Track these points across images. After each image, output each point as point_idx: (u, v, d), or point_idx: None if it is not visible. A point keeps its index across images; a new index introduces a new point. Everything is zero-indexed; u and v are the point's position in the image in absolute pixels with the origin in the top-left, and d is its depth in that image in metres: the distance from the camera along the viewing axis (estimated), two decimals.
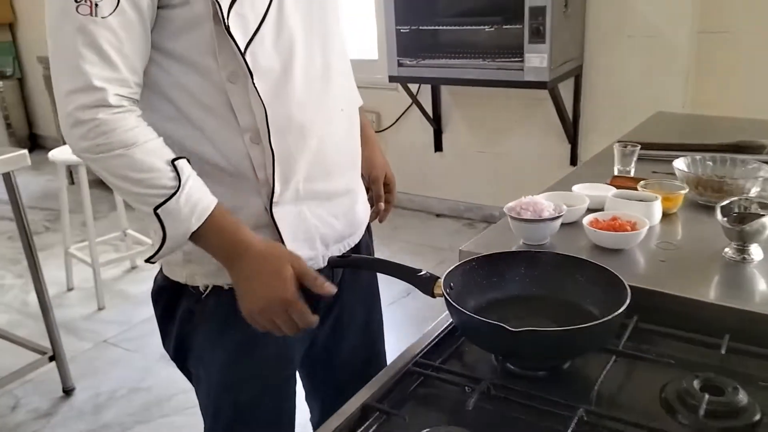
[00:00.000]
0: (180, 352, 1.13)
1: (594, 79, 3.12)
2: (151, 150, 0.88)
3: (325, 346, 1.20)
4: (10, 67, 5.61)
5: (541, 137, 3.29)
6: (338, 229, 1.07)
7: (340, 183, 1.05)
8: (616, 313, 0.82)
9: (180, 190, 0.89)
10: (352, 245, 1.12)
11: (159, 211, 0.89)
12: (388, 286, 1.27)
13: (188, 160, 0.92)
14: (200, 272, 1.02)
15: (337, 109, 1.03)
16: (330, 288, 0.95)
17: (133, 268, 3.41)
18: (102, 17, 0.82)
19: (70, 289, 3.20)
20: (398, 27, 3.09)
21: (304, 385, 1.28)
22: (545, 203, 1.12)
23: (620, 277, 0.89)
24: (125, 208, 3.31)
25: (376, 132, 3.80)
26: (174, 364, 1.16)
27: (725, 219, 1.05)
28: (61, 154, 2.96)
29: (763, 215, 1.03)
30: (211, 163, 0.96)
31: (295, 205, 1.00)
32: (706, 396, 0.80)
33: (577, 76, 3.11)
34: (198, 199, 0.91)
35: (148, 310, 1.15)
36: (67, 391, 2.41)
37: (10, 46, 5.60)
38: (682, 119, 1.87)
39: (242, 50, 0.90)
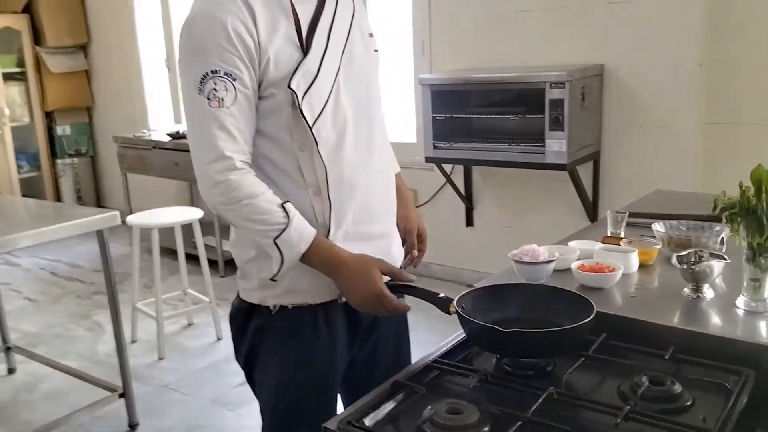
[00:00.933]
0: (248, 362, 1.44)
1: (611, 163, 3.45)
2: (267, 198, 1.23)
3: (363, 366, 1.49)
4: (85, 145, 6.23)
5: (564, 215, 3.59)
6: (389, 265, 1.38)
7: (379, 227, 1.38)
8: (582, 322, 1.12)
9: (290, 224, 1.23)
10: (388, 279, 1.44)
11: (277, 241, 1.23)
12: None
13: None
14: (271, 294, 1.35)
15: (377, 171, 1.38)
16: (409, 277, 1.30)
17: (190, 325, 3.75)
18: (226, 107, 1.20)
19: (133, 341, 3.54)
20: (434, 115, 3.50)
21: (342, 399, 1.53)
22: (541, 250, 1.43)
23: (589, 299, 1.19)
24: (187, 272, 3.69)
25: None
26: (226, 407, 1.47)
27: (682, 264, 1.34)
28: (136, 219, 3.38)
29: (711, 260, 1.32)
30: None
31: (345, 244, 1.32)
32: (650, 385, 1.07)
33: (596, 160, 3.44)
34: (303, 229, 1.25)
35: (203, 361, 1.47)
36: (133, 426, 2.71)
37: (87, 127, 6.25)
38: (677, 195, 2.17)
39: (311, 126, 1.26)
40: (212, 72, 1.18)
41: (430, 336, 1.29)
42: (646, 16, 3.20)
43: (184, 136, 4.59)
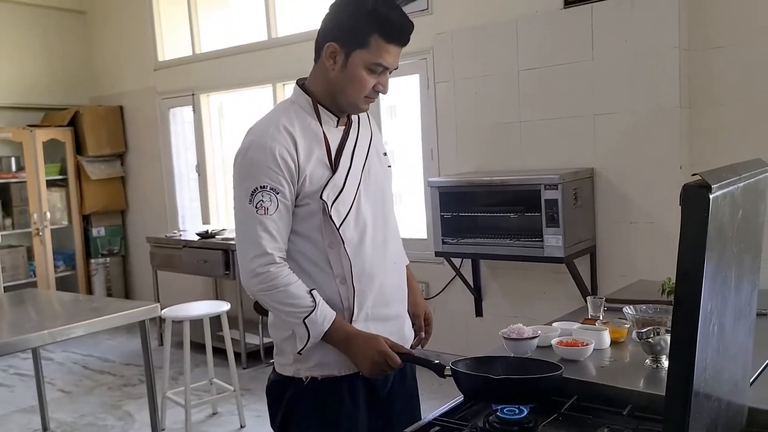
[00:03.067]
0: (283, 429, 1.70)
1: (605, 255, 3.74)
2: (298, 286, 1.55)
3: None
4: (117, 246, 6.63)
5: (565, 302, 3.81)
6: (392, 340, 1.67)
7: (394, 310, 1.69)
8: (555, 372, 1.39)
9: (316, 307, 1.54)
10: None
11: (306, 320, 1.54)
12: None
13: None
14: (304, 368, 1.63)
15: (391, 263, 1.70)
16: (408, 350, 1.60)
17: (215, 413, 3.96)
18: (270, 214, 1.53)
19: (162, 430, 3.75)
20: (442, 213, 3.84)
21: None
22: (525, 329, 1.71)
23: (559, 364, 1.45)
24: (213, 364, 3.94)
25: (426, 299, 4.42)
26: None
27: (641, 339, 1.61)
28: (170, 312, 3.68)
29: (666, 335, 1.59)
30: None
31: (365, 324, 1.62)
32: None
33: (592, 253, 3.73)
34: (326, 311, 1.56)
35: None
36: None
37: (120, 229, 6.67)
38: (656, 284, 2.43)
39: (338, 228, 1.58)
40: (261, 187, 1.52)
41: (439, 405, 1.55)
42: (628, 126, 3.58)
43: (212, 236, 4.96)
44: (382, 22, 1.53)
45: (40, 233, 6.04)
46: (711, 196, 0.85)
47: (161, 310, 3.72)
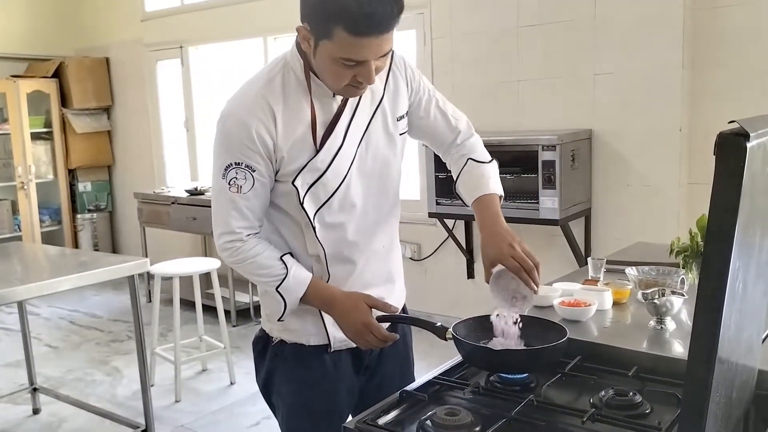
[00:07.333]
0: (266, 387, 1.64)
1: (600, 219, 3.70)
2: (267, 256, 1.47)
3: (374, 395, 1.70)
4: (104, 201, 6.53)
5: (558, 266, 3.79)
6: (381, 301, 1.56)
7: (373, 293, 1.54)
8: (558, 342, 1.35)
9: (288, 274, 1.47)
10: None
11: (279, 289, 1.47)
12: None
13: (291, 254, 1.51)
14: (275, 328, 1.58)
15: (379, 246, 1.57)
16: (394, 309, 1.49)
17: (204, 370, 3.94)
18: (243, 193, 1.43)
19: (151, 386, 3.72)
20: (436, 174, 3.78)
21: None
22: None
23: (563, 326, 1.41)
24: (203, 321, 3.90)
25: (418, 260, 4.40)
26: None
27: (646, 300, 1.58)
28: (158, 268, 3.62)
29: (671, 296, 1.55)
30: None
31: None
32: (614, 395, 1.29)
33: (587, 216, 3.70)
34: (299, 276, 1.48)
35: (217, 404, 1.68)
36: None
37: (107, 185, 6.56)
38: (654, 246, 2.40)
39: (311, 217, 1.46)
40: (235, 164, 1.41)
41: (430, 368, 1.50)
42: (628, 86, 3.51)
43: (201, 193, 4.87)
44: (344, 12, 1.25)
45: (25, 187, 5.92)
46: (748, 145, 0.79)
47: (154, 265, 3.67)
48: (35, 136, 6.03)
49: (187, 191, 5.02)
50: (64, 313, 5.18)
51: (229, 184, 1.43)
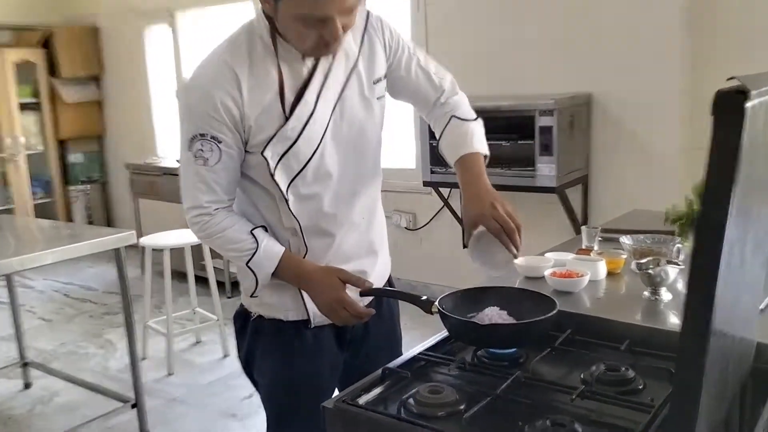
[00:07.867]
0: (248, 363, 1.59)
1: (599, 185, 3.63)
2: (236, 229, 1.40)
3: (360, 371, 1.64)
4: (97, 172, 6.45)
5: (556, 234, 3.73)
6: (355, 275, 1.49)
7: (354, 265, 1.49)
8: (546, 315, 1.29)
9: (258, 248, 1.40)
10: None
11: (249, 264, 1.41)
12: None
13: (265, 228, 1.43)
14: (253, 303, 1.52)
15: (358, 217, 1.49)
16: (369, 284, 1.42)
17: (198, 342, 3.91)
18: (210, 166, 1.35)
19: (143, 358, 3.69)
20: (431, 141, 3.69)
21: None
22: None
23: (553, 298, 1.35)
24: (197, 293, 3.86)
25: (413, 230, 4.34)
26: (233, 418, 1.62)
27: (640, 270, 1.51)
28: (148, 240, 3.56)
29: (666, 266, 1.49)
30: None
31: None
32: (606, 371, 1.23)
33: (585, 183, 3.62)
34: (270, 250, 1.41)
35: (210, 376, 1.64)
36: None
37: (98, 155, 6.47)
38: (651, 214, 2.33)
39: (283, 189, 1.39)
40: (200, 135, 1.34)
41: (415, 342, 1.44)
42: (628, 49, 3.41)
43: None
44: None
45: (15, 158, 5.83)
46: (748, 105, 0.72)
47: (141, 238, 3.61)
48: (24, 107, 5.91)
49: (178, 161, 4.93)
50: (59, 285, 5.14)
51: (195, 156, 1.35)
